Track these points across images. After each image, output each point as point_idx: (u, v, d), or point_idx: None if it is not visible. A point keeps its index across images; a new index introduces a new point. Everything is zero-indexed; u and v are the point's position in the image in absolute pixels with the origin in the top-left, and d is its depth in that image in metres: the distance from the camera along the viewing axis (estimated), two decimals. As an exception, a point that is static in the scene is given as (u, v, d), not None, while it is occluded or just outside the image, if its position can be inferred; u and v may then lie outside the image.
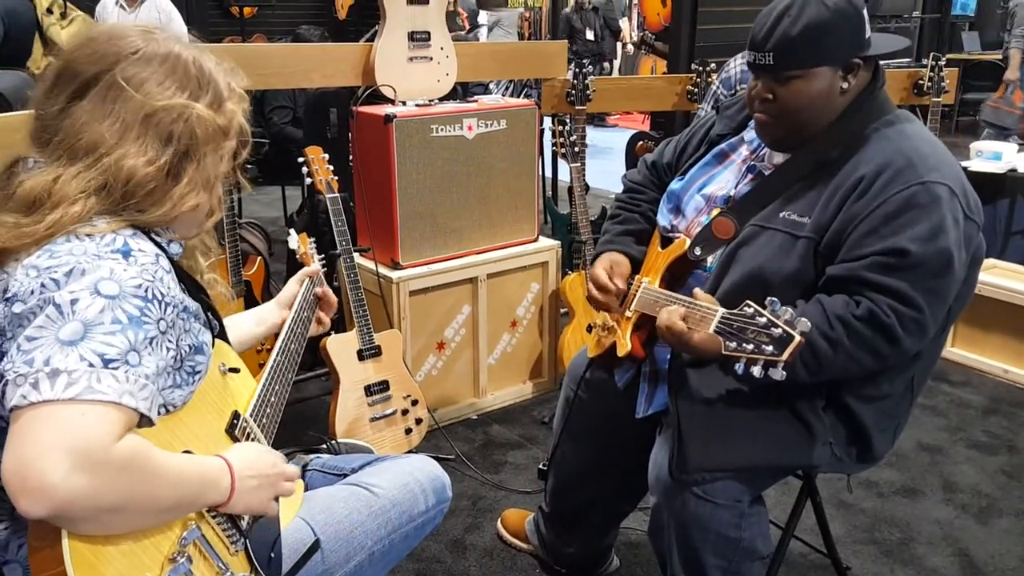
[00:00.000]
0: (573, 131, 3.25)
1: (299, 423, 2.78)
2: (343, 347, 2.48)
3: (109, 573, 0.94)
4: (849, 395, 1.56)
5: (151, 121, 1.08)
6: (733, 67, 3.13)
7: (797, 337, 1.31)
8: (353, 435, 2.44)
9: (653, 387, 1.75)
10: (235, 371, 1.28)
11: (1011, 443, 2.84)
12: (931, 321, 1.46)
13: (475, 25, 8.84)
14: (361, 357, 2.50)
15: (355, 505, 1.40)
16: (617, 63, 10.79)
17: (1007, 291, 3.25)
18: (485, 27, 9.41)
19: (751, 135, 1.71)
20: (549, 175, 4.82)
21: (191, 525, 1.06)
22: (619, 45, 10.63)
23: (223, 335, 1.28)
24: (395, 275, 2.71)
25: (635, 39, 10.48)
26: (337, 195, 2.48)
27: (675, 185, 1.77)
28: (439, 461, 1.62)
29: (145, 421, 0.97)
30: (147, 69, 1.10)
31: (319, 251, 1.92)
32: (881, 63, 1.61)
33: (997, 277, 3.35)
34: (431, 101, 2.87)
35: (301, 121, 4.42)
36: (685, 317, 1.47)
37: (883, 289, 1.43)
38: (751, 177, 1.66)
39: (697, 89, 3.62)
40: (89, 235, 1.03)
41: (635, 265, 1.80)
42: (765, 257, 1.53)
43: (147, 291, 1.00)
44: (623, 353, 1.70)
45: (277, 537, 1.24)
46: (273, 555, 1.22)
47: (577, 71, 3.33)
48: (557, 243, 3.11)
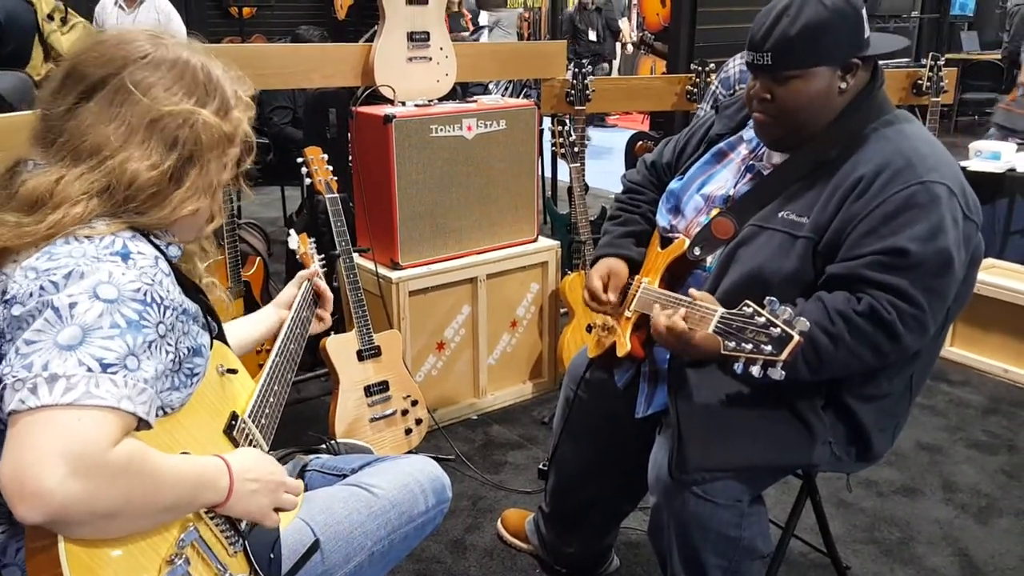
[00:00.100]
0: (573, 131, 3.25)
1: (299, 423, 2.78)
2: (343, 347, 2.48)
3: None
4: (848, 394, 1.56)
5: (157, 126, 1.09)
6: (732, 67, 3.13)
7: (796, 337, 1.31)
8: (353, 435, 2.44)
9: (653, 387, 1.75)
10: (233, 372, 1.28)
11: (1011, 443, 2.84)
12: (931, 319, 1.46)
13: (479, 27, 8.81)
14: (361, 357, 2.50)
15: (355, 506, 1.40)
16: (616, 63, 10.78)
17: (1006, 291, 3.25)
18: (487, 29, 9.39)
19: (750, 134, 1.71)
20: (549, 175, 4.82)
21: (189, 527, 1.06)
22: (618, 45, 10.62)
23: (221, 336, 1.28)
24: (395, 275, 2.71)
25: (634, 39, 10.48)
26: (336, 195, 2.48)
27: (674, 185, 1.77)
28: (439, 461, 1.62)
29: (143, 425, 0.97)
30: (155, 74, 1.10)
31: (319, 251, 1.92)
32: (880, 63, 1.60)
33: (996, 277, 3.35)
34: (430, 101, 2.87)
35: (301, 121, 4.42)
36: (685, 317, 1.47)
37: (883, 286, 1.43)
38: (750, 177, 1.66)
39: (696, 89, 3.62)
40: (88, 237, 1.03)
41: (635, 267, 1.80)
42: (764, 257, 1.53)
43: (146, 295, 1.00)
44: (623, 353, 1.70)
45: (276, 538, 1.24)
46: (273, 556, 1.22)
47: (576, 71, 3.33)
48: (557, 243, 3.11)
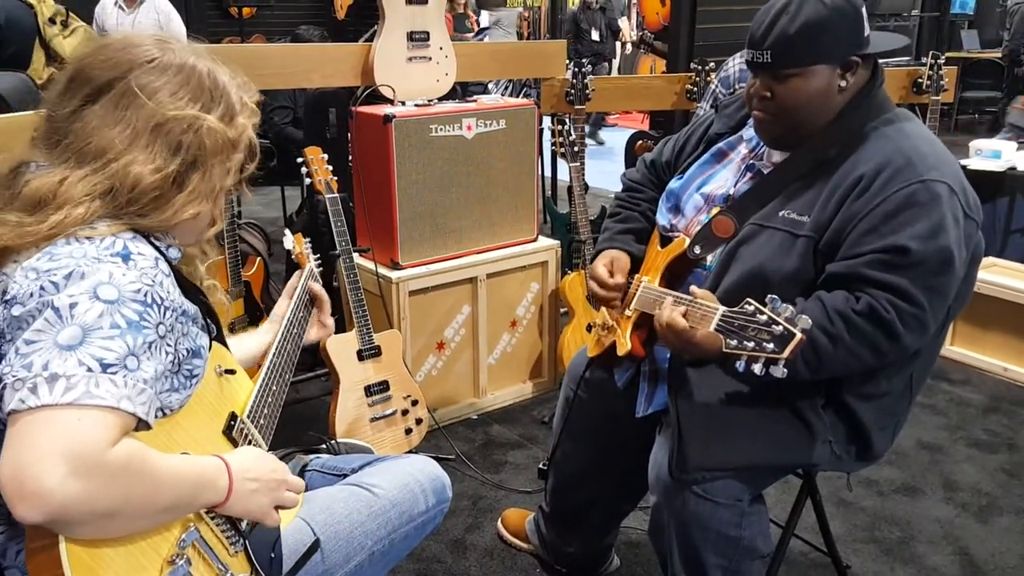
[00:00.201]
0: (573, 130, 3.25)
1: (299, 423, 2.78)
2: (343, 347, 2.47)
3: (108, 576, 0.93)
4: (848, 393, 1.56)
5: (161, 130, 1.09)
6: (732, 66, 3.13)
7: (798, 335, 1.31)
8: (353, 435, 2.44)
9: (653, 386, 1.75)
10: (231, 373, 1.28)
11: (1011, 441, 2.84)
12: (932, 318, 1.46)
13: (483, 28, 8.80)
14: (361, 357, 2.50)
15: (355, 505, 1.40)
16: (616, 62, 10.78)
17: (1007, 289, 3.25)
18: (491, 30, 9.38)
19: (750, 133, 1.71)
20: (549, 175, 4.81)
21: (190, 527, 1.06)
22: (618, 44, 10.62)
23: (220, 338, 1.28)
24: (395, 275, 2.71)
25: (634, 38, 10.48)
26: (336, 195, 2.48)
27: (674, 184, 1.77)
28: (439, 461, 1.62)
29: (142, 425, 0.97)
30: (161, 78, 1.10)
31: (319, 251, 1.91)
32: (880, 61, 1.60)
33: (996, 275, 3.35)
34: (430, 101, 2.87)
35: (301, 121, 4.41)
36: (685, 315, 1.47)
37: (883, 285, 1.43)
38: (750, 176, 1.66)
39: (696, 88, 3.62)
40: (89, 238, 1.03)
41: (635, 264, 1.79)
42: (765, 256, 1.52)
43: (146, 295, 1.00)
44: (623, 352, 1.70)
45: (277, 537, 1.24)
46: (273, 555, 1.22)
47: (576, 71, 3.33)
48: (557, 243, 3.11)
